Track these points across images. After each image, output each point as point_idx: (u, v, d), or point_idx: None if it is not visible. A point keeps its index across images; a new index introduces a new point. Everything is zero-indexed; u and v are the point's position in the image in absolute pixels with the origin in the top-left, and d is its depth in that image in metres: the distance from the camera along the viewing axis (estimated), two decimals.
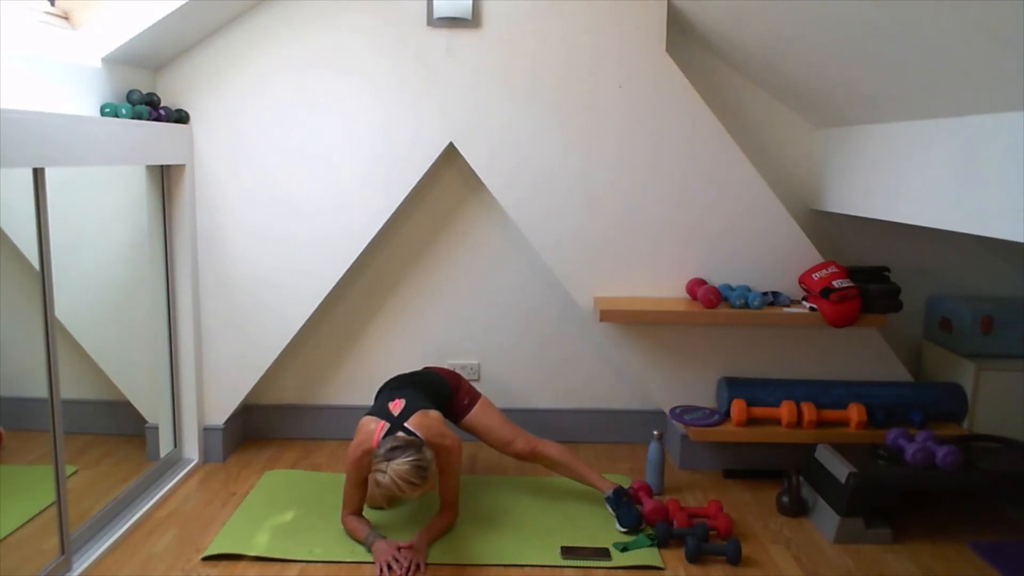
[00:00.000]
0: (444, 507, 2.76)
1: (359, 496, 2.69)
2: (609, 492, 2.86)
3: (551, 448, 2.95)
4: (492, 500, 3.02)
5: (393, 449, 2.43)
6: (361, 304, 3.58)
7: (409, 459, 2.39)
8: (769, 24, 2.73)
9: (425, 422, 2.63)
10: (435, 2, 3.07)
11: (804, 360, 3.32)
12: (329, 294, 3.34)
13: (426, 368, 3.12)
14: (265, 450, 3.50)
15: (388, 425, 2.60)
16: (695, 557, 2.61)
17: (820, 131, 3.47)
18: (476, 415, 2.96)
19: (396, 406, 2.68)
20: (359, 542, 2.64)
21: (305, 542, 2.67)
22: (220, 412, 3.36)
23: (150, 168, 3.05)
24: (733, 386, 3.24)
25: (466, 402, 2.98)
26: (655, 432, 3.11)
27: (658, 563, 2.59)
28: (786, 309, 3.17)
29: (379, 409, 2.71)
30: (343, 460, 2.81)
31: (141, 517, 2.81)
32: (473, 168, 3.26)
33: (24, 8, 2.48)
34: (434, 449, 2.56)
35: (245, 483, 3.16)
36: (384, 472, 2.39)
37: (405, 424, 2.60)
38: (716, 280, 3.31)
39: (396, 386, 2.90)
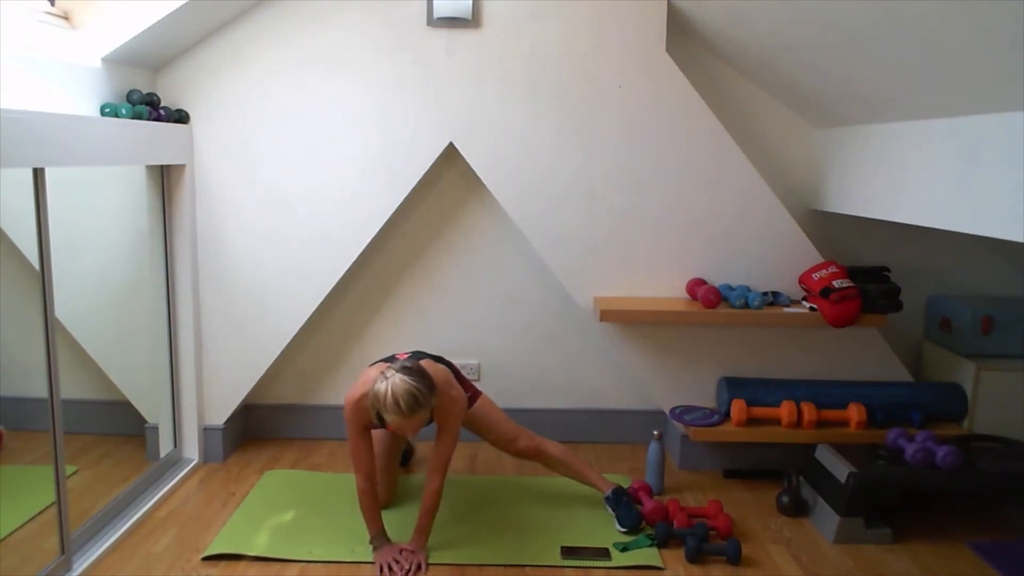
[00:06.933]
0: (431, 473, 2.61)
1: (366, 449, 2.55)
2: (609, 492, 2.86)
3: (552, 447, 2.94)
4: (492, 500, 3.02)
5: (406, 368, 2.38)
6: (361, 304, 3.58)
7: (412, 383, 2.33)
8: (769, 24, 2.73)
9: (433, 369, 2.55)
10: (435, 2, 3.07)
11: (804, 360, 3.32)
12: (329, 294, 3.34)
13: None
14: (265, 450, 3.50)
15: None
16: (695, 557, 2.61)
17: (820, 131, 3.47)
18: (480, 409, 2.90)
19: (403, 357, 2.63)
20: (366, 526, 2.59)
21: (305, 542, 2.67)
22: (220, 412, 3.36)
23: (150, 168, 3.05)
24: (733, 386, 3.24)
25: (469, 394, 2.96)
26: (655, 432, 3.11)
27: (658, 563, 2.59)
28: (786, 309, 3.17)
29: (385, 359, 2.68)
30: (343, 410, 2.59)
31: (141, 517, 2.81)
32: (473, 168, 3.26)
33: (24, 8, 2.48)
34: (439, 398, 2.48)
35: (245, 483, 3.16)
36: (386, 379, 2.34)
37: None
38: (716, 280, 3.31)
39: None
